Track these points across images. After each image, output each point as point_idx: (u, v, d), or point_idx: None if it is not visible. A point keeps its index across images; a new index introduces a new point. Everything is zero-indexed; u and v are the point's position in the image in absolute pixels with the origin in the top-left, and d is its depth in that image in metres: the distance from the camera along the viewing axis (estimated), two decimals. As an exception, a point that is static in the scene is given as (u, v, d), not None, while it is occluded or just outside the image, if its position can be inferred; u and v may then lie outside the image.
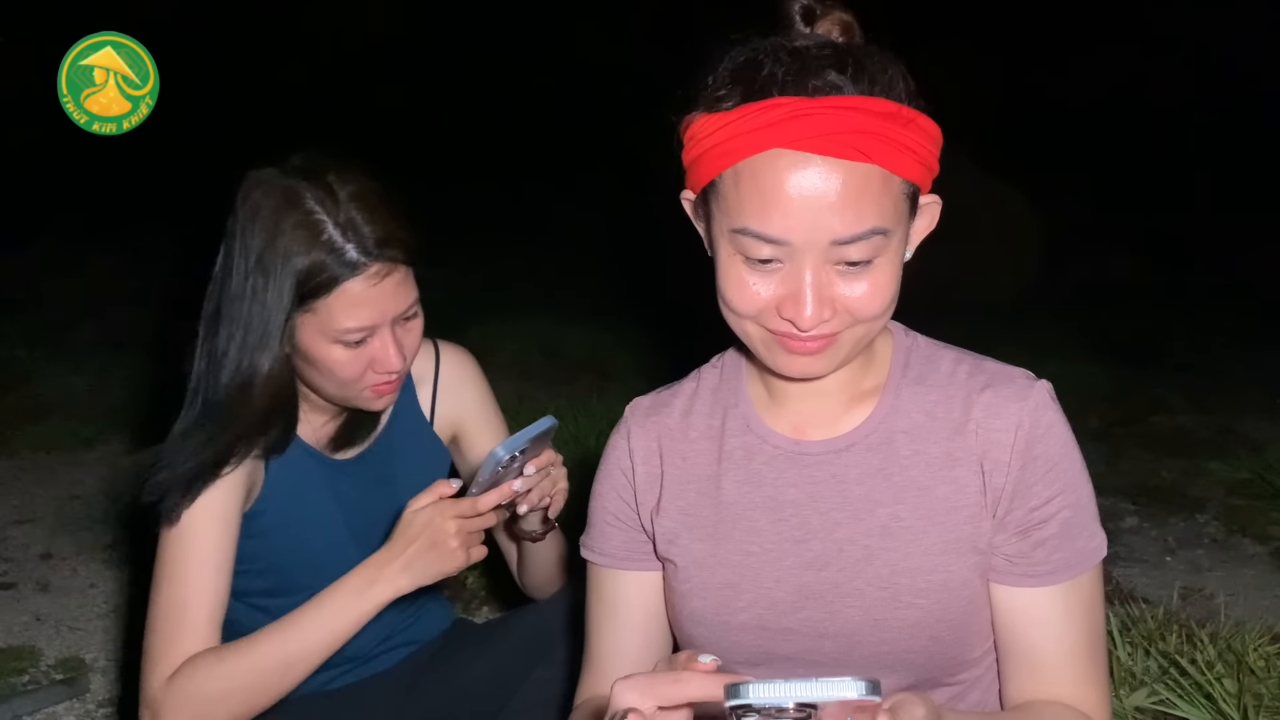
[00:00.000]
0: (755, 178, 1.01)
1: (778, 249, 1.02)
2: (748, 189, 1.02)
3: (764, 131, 1.00)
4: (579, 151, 7.87)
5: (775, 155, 1.00)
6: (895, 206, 1.03)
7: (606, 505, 1.28)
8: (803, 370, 1.10)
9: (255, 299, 1.43)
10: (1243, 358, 5.29)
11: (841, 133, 0.98)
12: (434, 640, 1.79)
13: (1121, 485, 3.67)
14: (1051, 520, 1.12)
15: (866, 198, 1.00)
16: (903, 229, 1.05)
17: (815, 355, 1.07)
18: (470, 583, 2.86)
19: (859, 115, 0.99)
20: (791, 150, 0.99)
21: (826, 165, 0.99)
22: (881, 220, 1.01)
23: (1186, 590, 2.88)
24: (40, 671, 2.55)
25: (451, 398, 1.73)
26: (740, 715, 0.74)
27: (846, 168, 0.99)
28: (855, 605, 1.13)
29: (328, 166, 1.46)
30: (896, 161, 1.01)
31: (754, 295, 1.05)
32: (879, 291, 1.05)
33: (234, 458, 1.46)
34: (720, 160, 1.03)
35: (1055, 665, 1.12)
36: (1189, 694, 1.98)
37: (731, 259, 1.06)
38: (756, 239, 1.02)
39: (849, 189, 0.99)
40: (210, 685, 1.38)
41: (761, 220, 1.01)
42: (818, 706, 0.73)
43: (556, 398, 4.24)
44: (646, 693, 0.83)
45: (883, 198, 1.01)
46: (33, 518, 3.42)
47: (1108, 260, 7.09)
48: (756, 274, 1.05)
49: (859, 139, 0.98)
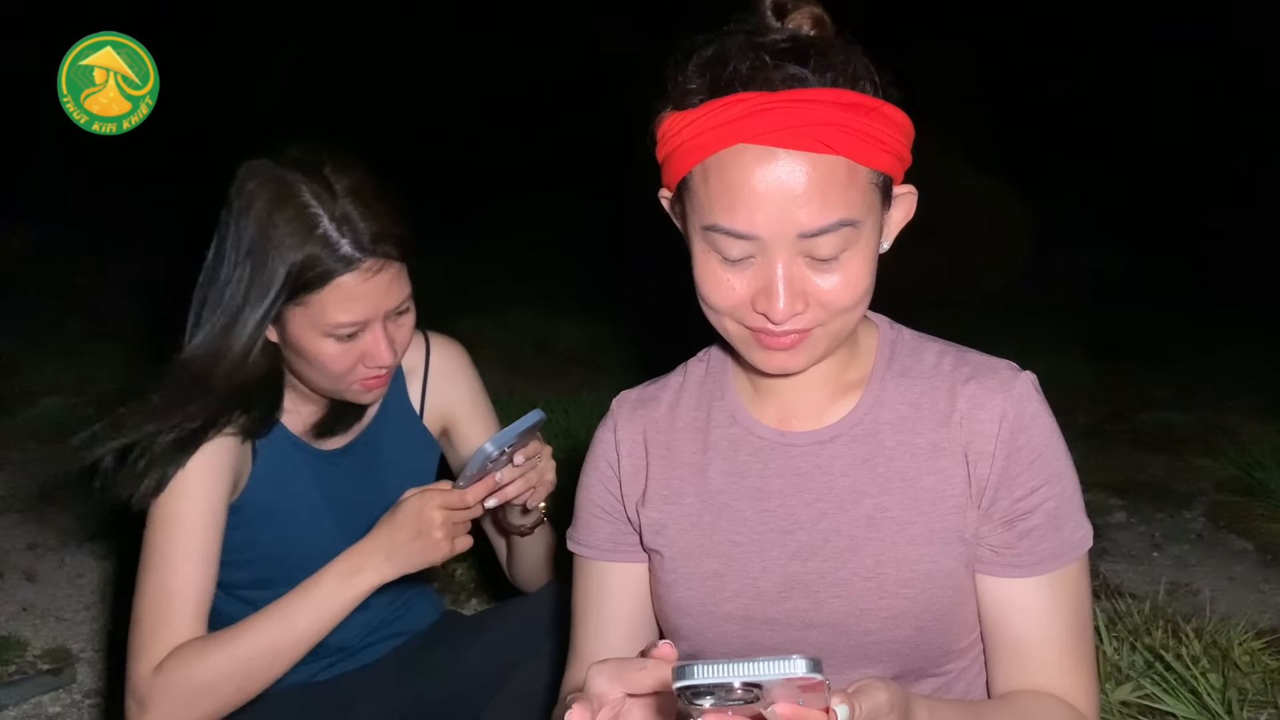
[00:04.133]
0: (722, 173, 1.02)
1: (748, 245, 1.03)
2: (715, 185, 1.03)
3: (728, 127, 1.00)
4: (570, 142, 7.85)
5: (740, 150, 1.01)
6: (863, 197, 1.03)
7: (592, 497, 1.28)
8: (780, 366, 1.11)
9: (242, 287, 1.43)
10: (1230, 354, 5.32)
11: (804, 125, 0.99)
12: (422, 632, 1.79)
13: (1109, 481, 3.68)
14: (1037, 511, 1.12)
15: (832, 189, 1.00)
16: (873, 220, 1.05)
17: (791, 351, 1.08)
18: (459, 575, 2.86)
19: (821, 107, 0.99)
20: (756, 145, 1.00)
21: (791, 158, 1.00)
22: (849, 212, 1.02)
23: (1173, 585, 2.90)
24: (26, 662, 2.55)
25: (442, 390, 1.73)
26: (690, 698, 0.75)
27: (811, 160, 1.00)
28: (841, 595, 1.13)
29: (324, 159, 1.46)
30: (862, 152, 1.01)
31: (728, 291, 1.06)
32: (851, 283, 1.05)
33: (203, 441, 1.45)
34: (689, 158, 1.04)
35: (1042, 656, 1.13)
36: (1174, 688, 1.99)
37: (705, 255, 1.07)
38: (726, 235, 1.03)
39: (814, 181, 1.00)
40: (197, 674, 1.37)
41: (729, 215, 1.02)
42: (763, 686, 0.75)
43: (547, 391, 4.24)
44: (615, 679, 0.84)
45: (849, 189, 1.01)
46: (19, 508, 3.41)
47: (1096, 257, 7.12)
48: (730, 270, 1.06)
49: (822, 131, 0.99)
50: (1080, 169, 8.28)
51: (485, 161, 8.31)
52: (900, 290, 1.11)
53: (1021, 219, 6.77)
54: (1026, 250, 6.64)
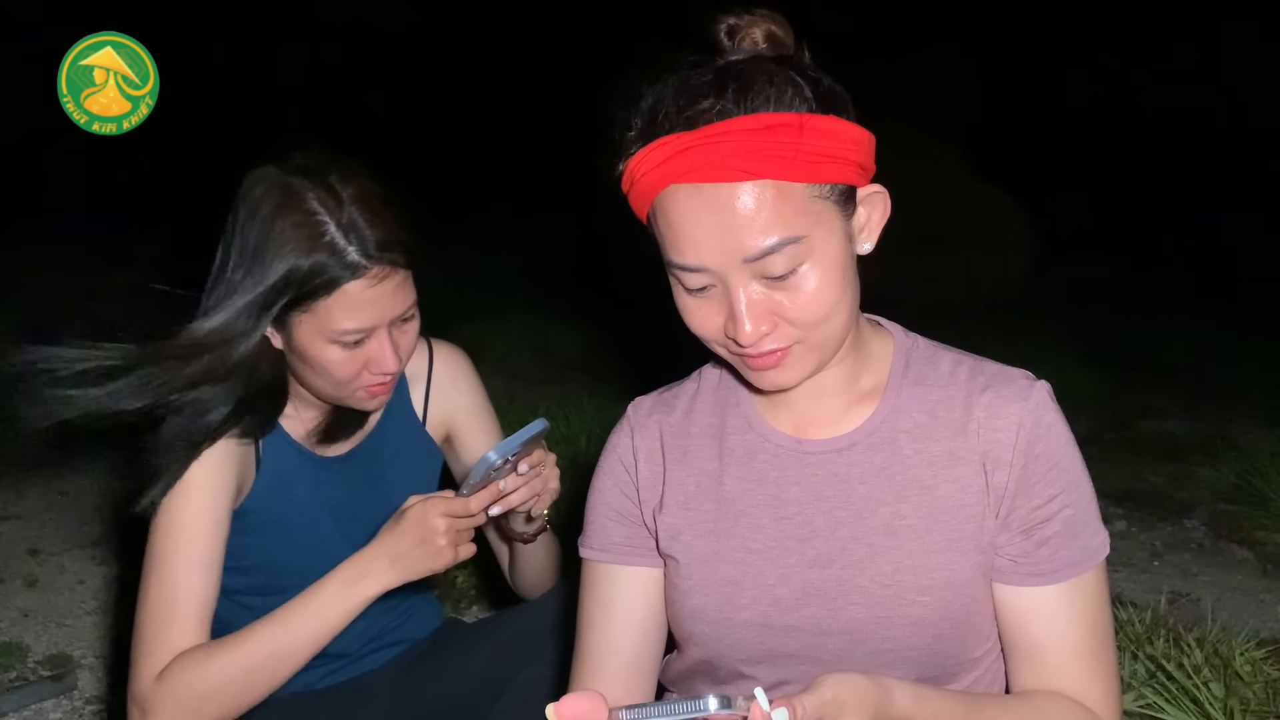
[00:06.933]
0: (664, 214, 1.07)
1: (703, 276, 1.07)
2: (662, 225, 1.08)
3: (660, 170, 1.05)
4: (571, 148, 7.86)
5: (673, 191, 1.05)
6: (802, 213, 1.04)
7: (608, 500, 1.28)
8: (773, 383, 1.12)
9: (246, 294, 1.43)
10: (1231, 363, 5.32)
11: (723, 157, 1.02)
12: (423, 640, 1.79)
13: (1110, 490, 3.68)
14: (1054, 519, 1.13)
15: (764, 212, 1.02)
16: (824, 230, 1.05)
17: (778, 369, 1.10)
18: (460, 582, 2.86)
19: (738, 135, 1.01)
20: (685, 183, 1.04)
21: (716, 191, 1.03)
22: (788, 230, 1.03)
23: (1174, 595, 2.90)
24: (27, 668, 2.54)
25: (445, 397, 1.73)
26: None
27: (735, 189, 1.02)
28: (858, 602, 1.14)
29: (330, 166, 1.46)
30: (789, 170, 1.02)
31: (703, 319, 1.10)
32: (815, 296, 1.06)
33: (208, 441, 1.46)
34: (641, 201, 1.09)
35: (1061, 662, 1.14)
36: (1176, 698, 1.99)
37: (677, 289, 1.11)
38: (681, 270, 1.07)
39: (744, 208, 1.02)
40: (200, 681, 1.37)
41: (679, 252, 1.06)
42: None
43: (548, 398, 4.24)
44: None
45: (782, 208, 1.03)
46: (20, 514, 3.41)
47: (1098, 265, 7.13)
48: (700, 300, 1.10)
49: (741, 159, 1.01)
50: (1082, 177, 8.30)
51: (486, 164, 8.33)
52: (901, 298, 1.12)
53: (1023, 227, 6.78)
54: (1028, 258, 6.65)
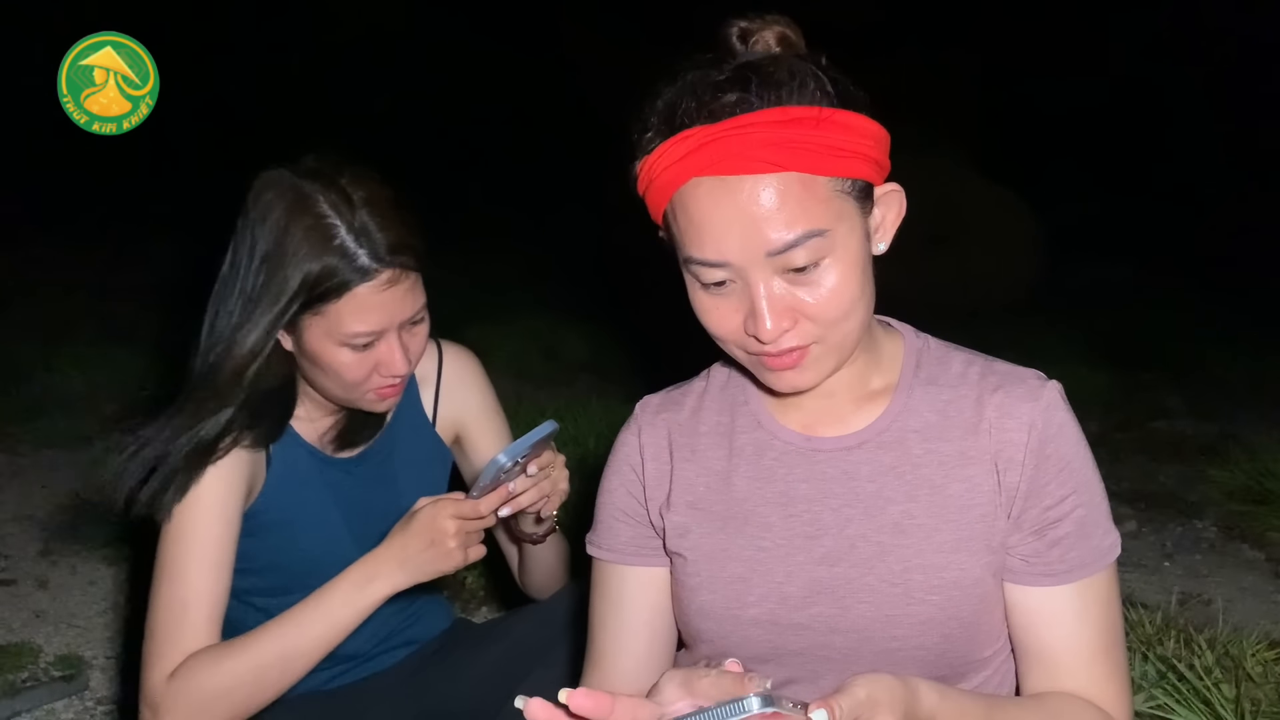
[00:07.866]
0: (685, 209, 1.06)
1: (723, 271, 1.06)
2: (682, 220, 1.07)
3: (682, 163, 1.04)
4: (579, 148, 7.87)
5: (695, 184, 1.04)
6: (826, 206, 1.04)
7: (615, 500, 1.29)
8: (790, 384, 1.12)
9: (256, 294, 1.43)
10: (1242, 363, 5.30)
11: (749, 148, 1.02)
12: (433, 640, 1.80)
13: (1120, 490, 3.67)
14: (1066, 519, 1.13)
15: (789, 205, 1.02)
16: (847, 226, 1.06)
17: (796, 369, 1.10)
18: (470, 583, 2.86)
19: (763, 128, 1.02)
20: (709, 176, 1.03)
21: (742, 183, 1.02)
22: (812, 223, 1.03)
23: (1185, 595, 2.88)
24: (39, 668, 2.55)
25: (454, 398, 1.74)
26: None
27: (761, 181, 1.02)
28: (867, 601, 1.14)
29: (341, 169, 1.47)
30: (813, 163, 1.02)
31: (721, 318, 1.10)
32: (836, 292, 1.06)
33: (219, 448, 1.46)
34: (658, 198, 1.09)
35: (1072, 663, 1.13)
36: (1187, 699, 1.98)
37: (693, 287, 1.11)
38: (701, 265, 1.07)
39: (768, 200, 1.02)
40: (211, 682, 1.38)
41: (699, 247, 1.06)
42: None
43: (555, 399, 4.25)
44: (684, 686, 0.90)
45: (807, 201, 1.03)
46: (32, 514, 3.42)
47: (1108, 265, 7.11)
48: (717, 298, 1.09)
49: (767, 151, 1.01)
50: (1092, 177, 8.27)
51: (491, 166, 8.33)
52: (910, 299, 1.12)
53: (1033, 227, 6.77)
54: (1037, 258, 6.63)
